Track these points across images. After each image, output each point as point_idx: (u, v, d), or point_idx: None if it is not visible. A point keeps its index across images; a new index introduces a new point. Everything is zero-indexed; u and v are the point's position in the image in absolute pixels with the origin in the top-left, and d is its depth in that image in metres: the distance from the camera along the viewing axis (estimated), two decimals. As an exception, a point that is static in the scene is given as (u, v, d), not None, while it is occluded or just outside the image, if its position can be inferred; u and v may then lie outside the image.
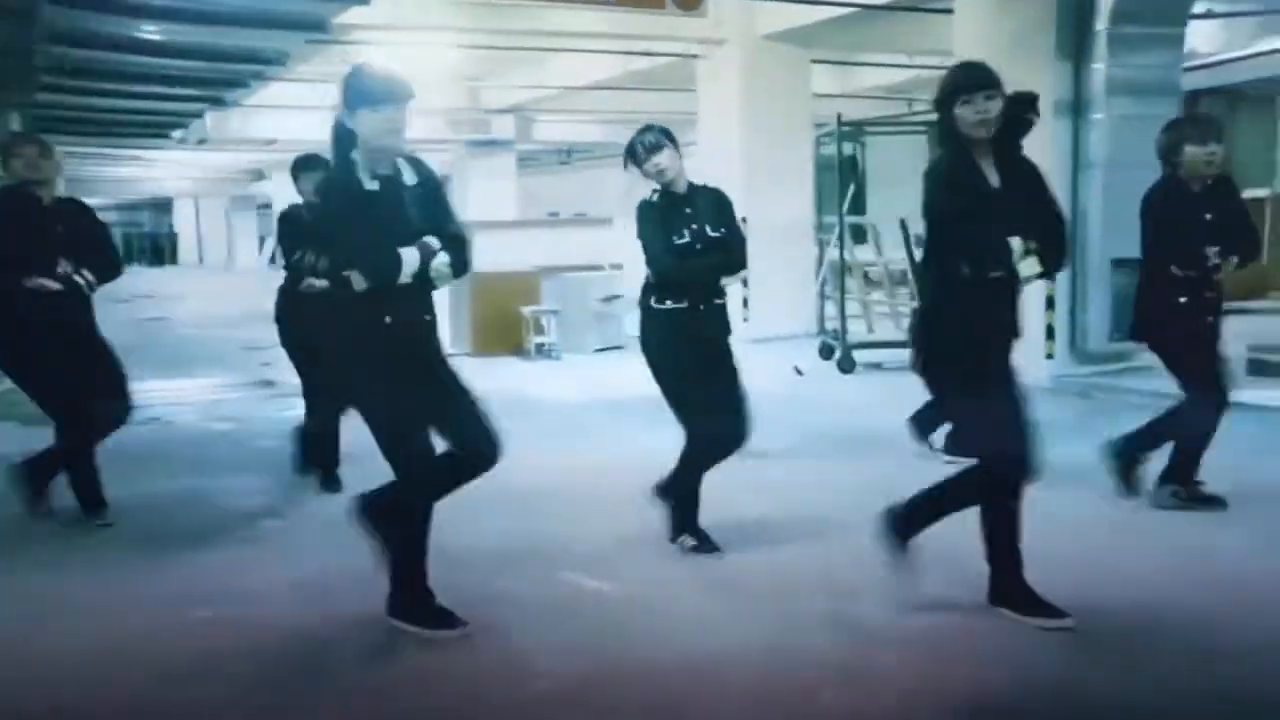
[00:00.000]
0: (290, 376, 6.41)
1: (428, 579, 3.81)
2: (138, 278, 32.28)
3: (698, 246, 4.40)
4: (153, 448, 7.04)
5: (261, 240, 36.63)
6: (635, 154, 4.42)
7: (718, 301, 4.53)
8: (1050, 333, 8.44)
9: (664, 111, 18.23)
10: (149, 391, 9.31)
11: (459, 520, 4.84)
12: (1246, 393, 6.51)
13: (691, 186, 4.50)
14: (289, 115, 16.56)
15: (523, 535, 4.93)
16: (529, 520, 5.17)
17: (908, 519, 3.90)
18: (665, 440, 5.11)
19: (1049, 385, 8.31)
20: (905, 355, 4.15)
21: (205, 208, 42.47)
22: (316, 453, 5.81)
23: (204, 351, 12.66)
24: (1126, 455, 5.14)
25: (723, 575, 4.38)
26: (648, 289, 4.49)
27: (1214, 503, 5.01)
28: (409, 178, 3.68)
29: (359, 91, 3.55)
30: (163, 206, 45.82)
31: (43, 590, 4.38)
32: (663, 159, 4.36)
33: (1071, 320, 8.46)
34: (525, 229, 14.29)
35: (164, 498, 5.78)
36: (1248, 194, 7.09)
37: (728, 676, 3.46)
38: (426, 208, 3.65)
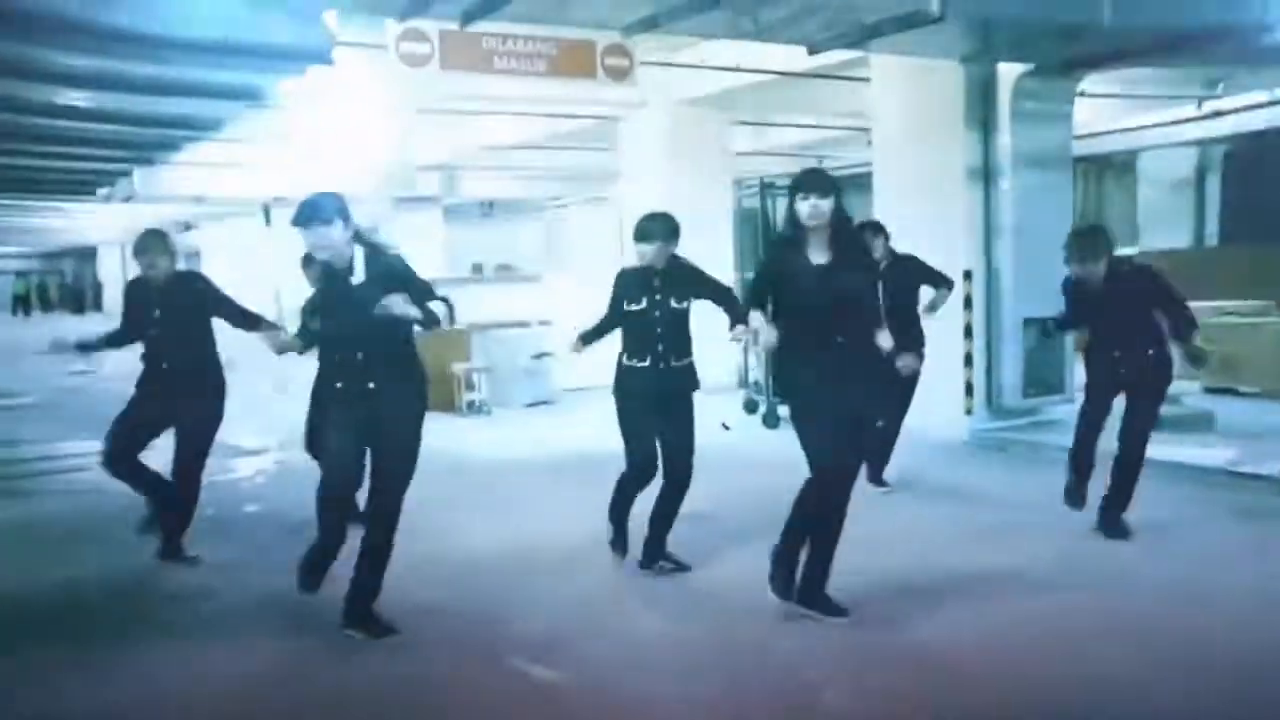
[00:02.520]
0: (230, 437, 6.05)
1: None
2: (59, 326, 31.10)
3: (656, 314, 4.97)
4: (84, 521, 6.60)
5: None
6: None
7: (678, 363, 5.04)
8: (969, 389, 8.45)
9: (586, 167, 18.32)
10: (75, 454, 8.85)
11: (402, 591, 4.64)
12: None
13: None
14: (217, 171, 16.03)
15: (465, 612, 4.66)
16: (469, 594, 4.91)
17: (783, 553, 4.40)
18: (599, 500, 5.36)
19: (968, 440, 8.33)
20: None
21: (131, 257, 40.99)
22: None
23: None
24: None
25: (681, 655, 4.17)
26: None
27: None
28: (360, 273, 4.27)
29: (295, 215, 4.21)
30: (86, 255, 44.24)
31: None
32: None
33: (988, 377, 8.47)
34: (455, 286, 13.96)
35: (91, 584, 5.34)
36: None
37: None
38: (372, 299, 4.13)
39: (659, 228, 4.97)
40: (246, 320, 5.50)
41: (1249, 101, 12.18)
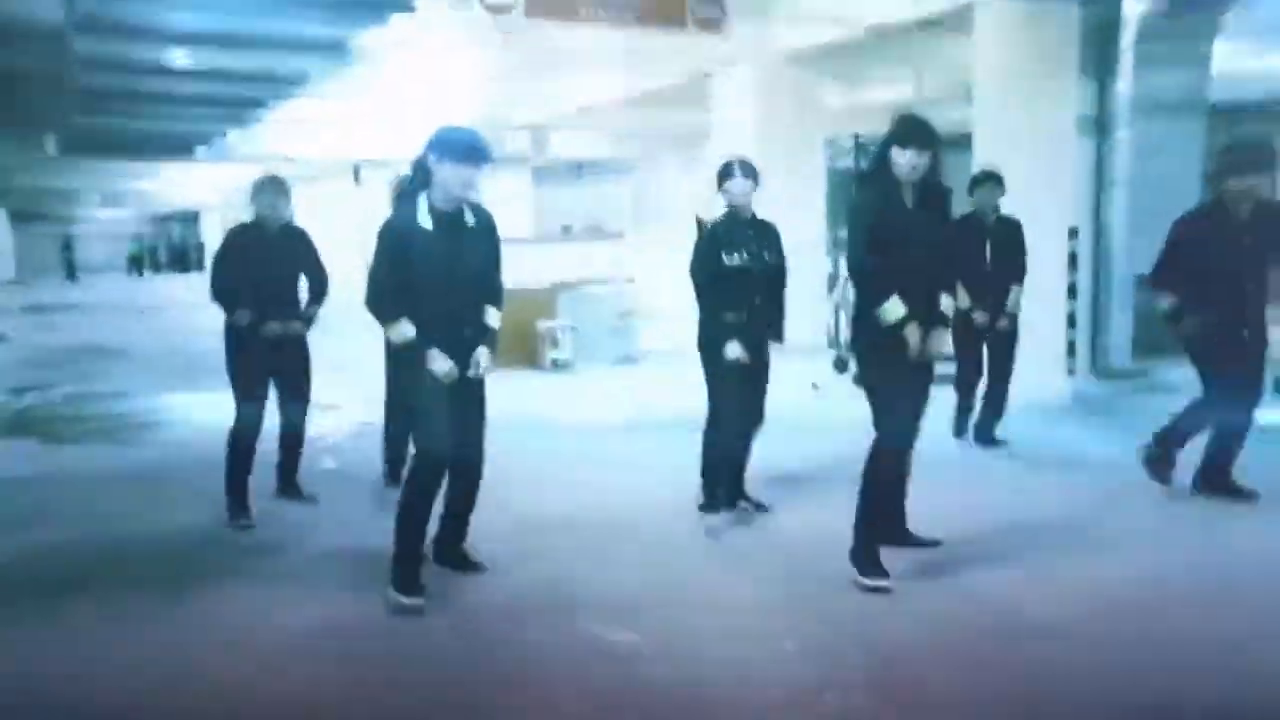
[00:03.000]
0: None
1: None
2: (164, 286, 32.13)
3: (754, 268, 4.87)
4: (169, 474, 6.68)
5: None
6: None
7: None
8: (1071, 349, 8.01)
9: (675, 128, 17.95)
10: (174, 409, 9.01)
11: (481, 551, 4.59)
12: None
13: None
14: (308, 131, 16.18)
15: (545, 577, 4.48)
16: (549, 554, 4.75)
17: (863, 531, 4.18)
18: (682, 460, 5.31)
19: (1071, 403, 7.91)
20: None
21: (229, 220, 42.17)
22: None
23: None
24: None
25: (763, 621, 3.96)
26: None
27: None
28: (469, 220, 4.06)
29: (447, 144, 3.92)
30: (190, 218, 45.62)
31: (24, 647, 3.93)
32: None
33: (1093, 337, 8.01)
34: (540, 245, 13.88)
35: (171, 533, 5.31)
36: None
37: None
38: (480, 249, 4.06)
39: (751, 167, 4.87)
40: (320, 288, 5.55)
41: None
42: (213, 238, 43.99)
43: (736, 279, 4.81)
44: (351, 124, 15.65)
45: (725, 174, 4.89)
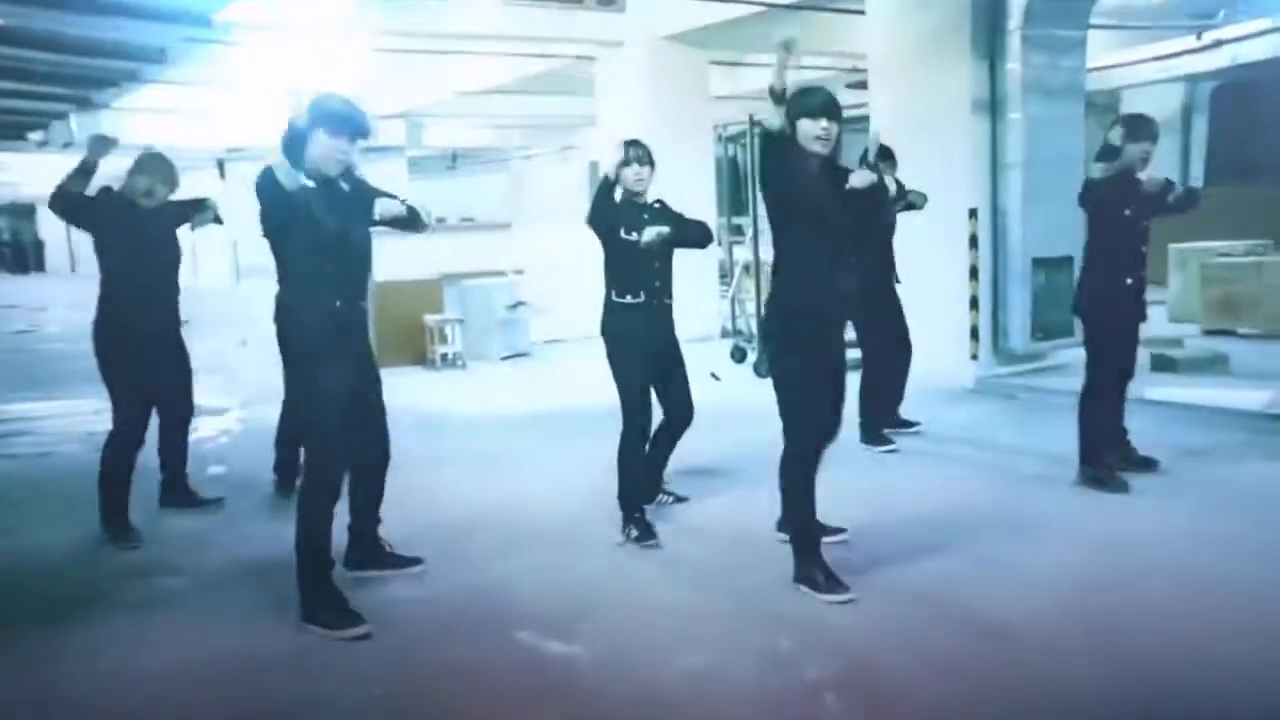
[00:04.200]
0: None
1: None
2: (6, 285, 29.92)
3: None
4: (38, 486, 6.03)
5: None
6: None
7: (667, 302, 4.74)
8: (975, 333, 8.03)
9: (556, 115, 17.61)
10: (26, 416, 8.23)
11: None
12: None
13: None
14: (165, 119, 15.15)
15: (465, 585, 4.16)
16: (468, 562, 4.42)
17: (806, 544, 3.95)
18: (590, 456, 5.14)
19: (973, 386, 7.94)
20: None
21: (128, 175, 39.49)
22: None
23: (77, 368, 11.29)
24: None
25: (700, 626, 3.71)
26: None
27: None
28: (344, 185, 3.81)
29: (325, 114, 3.70)
30: (22, 212, 42.42)
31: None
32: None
33: (994, 320, 8.05)
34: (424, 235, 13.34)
35: (55, 550, 4.80)
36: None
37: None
38: (357, 209, 3.76)
39: (648, 153, 4.70)
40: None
41: (1251, 30, 11.74)
42: (55, 233, 41.30)
43: (639, 255, 4.58)
44: (212, 113, 14.73)
45: (621, 161, 4.66)
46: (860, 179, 3.76)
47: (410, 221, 3.78)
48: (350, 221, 3.72)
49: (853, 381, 4.52)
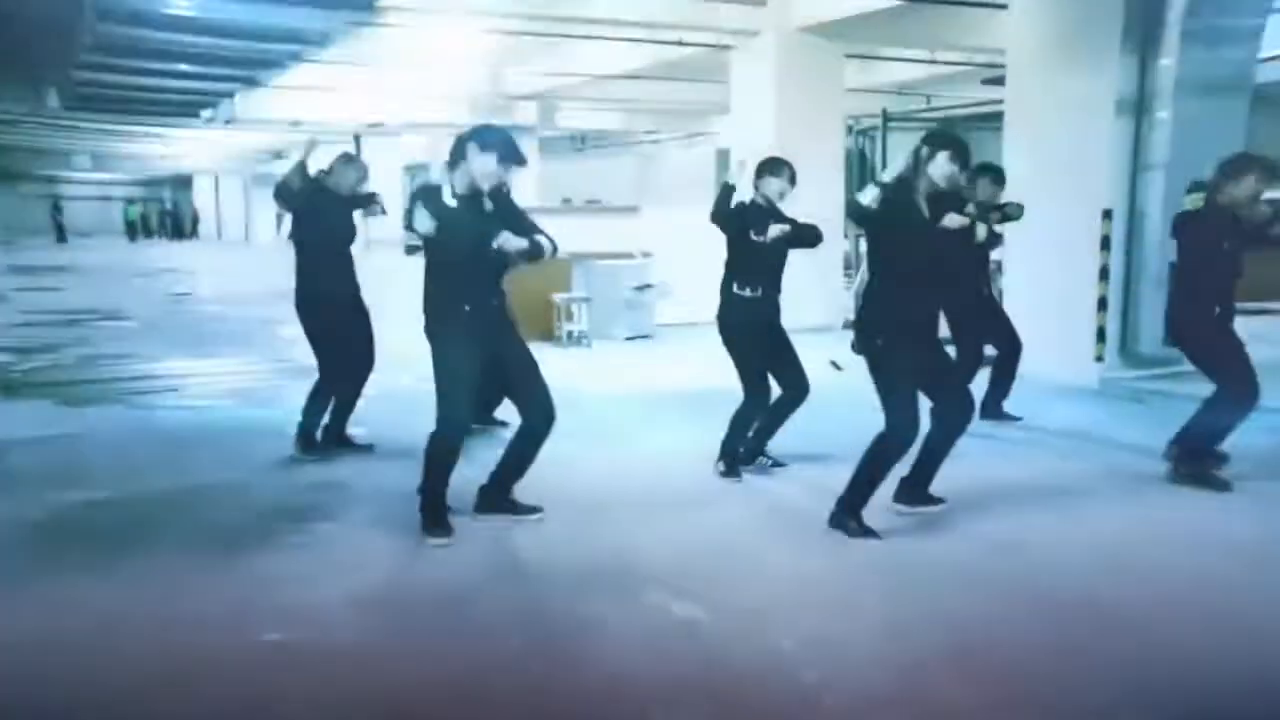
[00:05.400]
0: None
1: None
2: (160, 251, 31.83)
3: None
4: (194, 436, 6.58)
5: (279, 218, 35.88)
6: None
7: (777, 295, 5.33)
8: (1101, 335, 7.92)
9: (689, 101, 17.79)
10: (187, 373, 8.91)
11: (529, 528, 4.65)
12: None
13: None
14: (313, 97, 15.92)
15: (596, 549, 4.43)
16: (599, 531, 4.67)
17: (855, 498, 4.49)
18: (709, 435, 5.48)
19: (1098, 387, 7.84)
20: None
21: (224, 185, 41.78)
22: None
23: (229, 329, 12.10)
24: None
25: (828, 593, 3.90)
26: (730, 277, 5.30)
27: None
28: (488, 205, 4.41)
29: (498, 141, 4.32)
30: (183, 183, 45.05)
31: (93, 601, 3.87)
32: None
33: (1123, 323, 7.92)
34: (555, 216, 13.70)
35: (210, 493, 5.29)
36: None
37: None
38: (493, 227, 4.31)
39: (794, 175, 5.29)
40: None
41: None
42: (207, 204, 43.63)
43: (761, 253, 5.13)
44: (357, 91, 15.38)
45: (768, 171, 5.27)
46: (953, 221, 4.23)
47: (532, 255, 4.35)
48: (484, 240, 4.25)
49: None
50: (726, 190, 5.32)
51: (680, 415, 7.09)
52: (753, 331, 5.26)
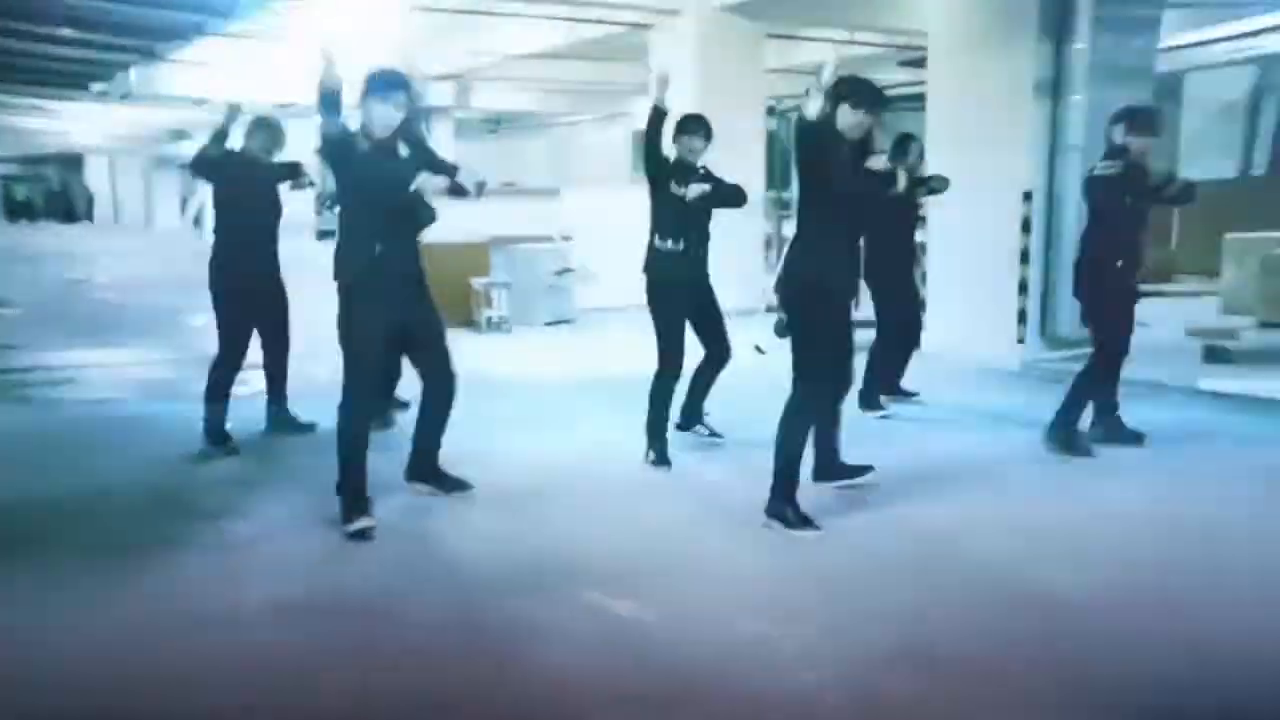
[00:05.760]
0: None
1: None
2: (52, 235, 30.40)
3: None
4: (100, 434, 6.22)
5: (184, 201, 34.51)
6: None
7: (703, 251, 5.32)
8: (1022, 317, 8.04)
9: (606, 81, 17.60)
10: (85, 364, 8.46)
11: (459, 523, 4.49)
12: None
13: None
14: (219, 73, 15.28)
15: (529, 546, 4.28)
16: (532, 525, 4.53)
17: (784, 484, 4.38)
18: (638, 422, 5.40)
19: (1018, 370, 7.95)
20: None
21: (121, 166, 39.99)
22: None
23: (131, 318, 11.57)
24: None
25: (767, 590, 3.83)
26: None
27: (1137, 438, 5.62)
28: (403, 150, 4.36)
29: (373, 81, 4.25)
30: (71, 162, 42.81)
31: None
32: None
33: (1043, 305, 8.04)
34: (470, 198, 13.41)
35: (114, 495, 4.97)
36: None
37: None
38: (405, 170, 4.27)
39: (709, 129, 5.25)
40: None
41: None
42: (102, 186, 41.69)
43: (683, 208, 5.13)
44: (265, 69, 14.83)
45: (684, 129, 5.24)
46: (877, 162, 4.27)
47: (455, 192, 4.28)
48: (399, 184, 4.18)
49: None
50: (657, 115, 5.22)
51: (606, 402, 6.98)
52: (675, 288, 5.23)
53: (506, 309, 10.47)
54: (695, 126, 5.23)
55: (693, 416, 5.65)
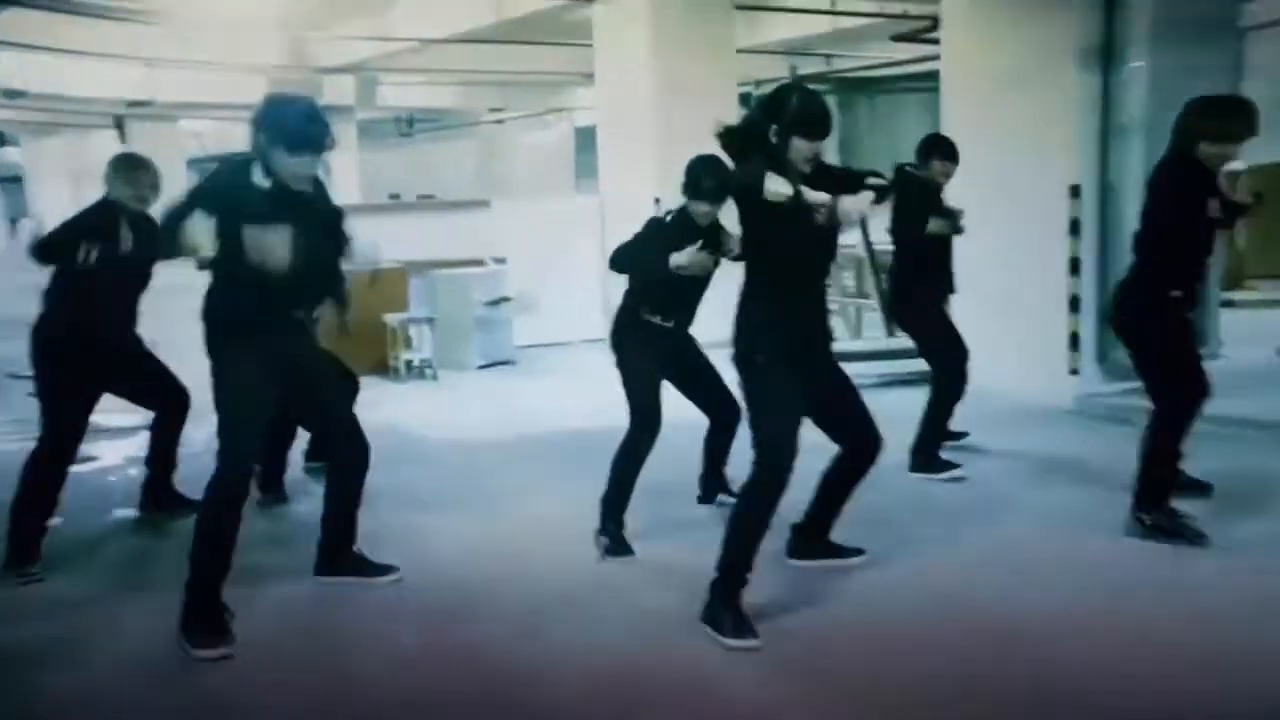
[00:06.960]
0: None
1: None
2: None
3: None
4: None
5: (12, 222, 33.23)
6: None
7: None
8: (1074, 342, 7.54)
9: (540, 70, 17.16)
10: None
11: (374, 629, 4.18)
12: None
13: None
14: (51, 62, 14.60)
15: (459, 678, 3.78)
16: (460, 650, 4.00)
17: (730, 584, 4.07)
18: (588, 490, 5.06)
19: (1072, 406, 7.42)
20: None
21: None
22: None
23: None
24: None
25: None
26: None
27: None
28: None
29: (282, 133, 3.94)
30: None
31: None
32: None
33: (1099, 327, 7.53)
34: (384, 215, 12.79)
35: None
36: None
37: None
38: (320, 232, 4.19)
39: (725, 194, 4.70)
40: None
41: None
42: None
43: (679, 282, 4.84)
44: (113, 57, 14.19)
45: (697, 191, 4.80)
46: (855, 204, 3.81)
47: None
48: (307, 234, 4.01)
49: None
50: (656, 227, 5.01)
51: (557, 466, 6.51)
52: (650, 346, 5.02)
53: (430, 351, 9.84)
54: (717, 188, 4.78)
55: (713, 485, 5.49)
